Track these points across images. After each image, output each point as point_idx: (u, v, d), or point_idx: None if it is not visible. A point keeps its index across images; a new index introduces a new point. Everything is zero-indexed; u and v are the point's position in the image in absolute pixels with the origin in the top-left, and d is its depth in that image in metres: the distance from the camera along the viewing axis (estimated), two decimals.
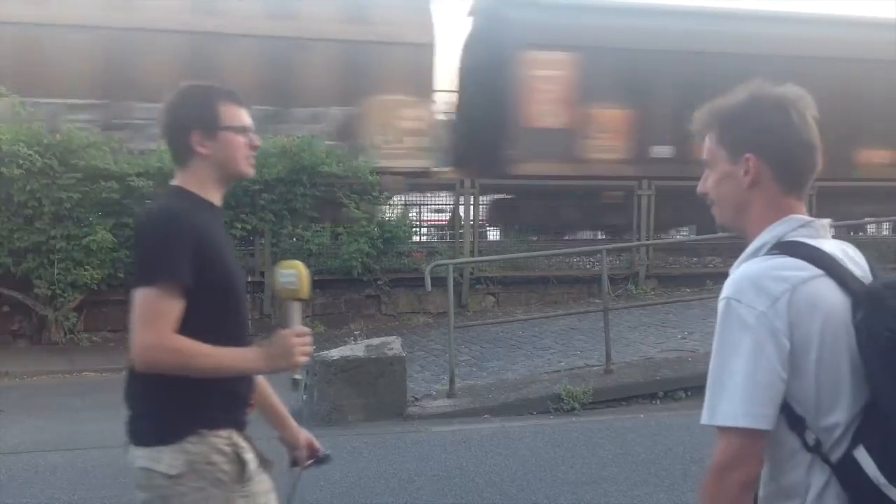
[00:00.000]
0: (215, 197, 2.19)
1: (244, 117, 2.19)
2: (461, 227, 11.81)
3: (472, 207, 11.77)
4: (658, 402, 7.24)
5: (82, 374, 8.95)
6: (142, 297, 1.98)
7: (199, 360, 2.00)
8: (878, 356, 1.48)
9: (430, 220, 14.36)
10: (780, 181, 1.64)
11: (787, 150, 1.63)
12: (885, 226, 15.22)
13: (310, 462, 2.40)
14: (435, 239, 14.08)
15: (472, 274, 11.34)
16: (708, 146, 1.70)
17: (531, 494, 4.91)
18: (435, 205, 13.90)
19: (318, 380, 6.74)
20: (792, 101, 1.63)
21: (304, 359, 2.10)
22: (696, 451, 5.61)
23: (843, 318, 1.53)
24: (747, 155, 1.63)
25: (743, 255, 1.66)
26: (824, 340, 1.52)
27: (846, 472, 1.50)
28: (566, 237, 13.58)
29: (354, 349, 7.17)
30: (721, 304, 1.56)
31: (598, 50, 12.38)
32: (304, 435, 2.41)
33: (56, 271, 9.83)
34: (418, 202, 13.70)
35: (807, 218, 1.64)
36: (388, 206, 11.75)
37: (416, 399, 7.23)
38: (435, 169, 12.53)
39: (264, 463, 2.20)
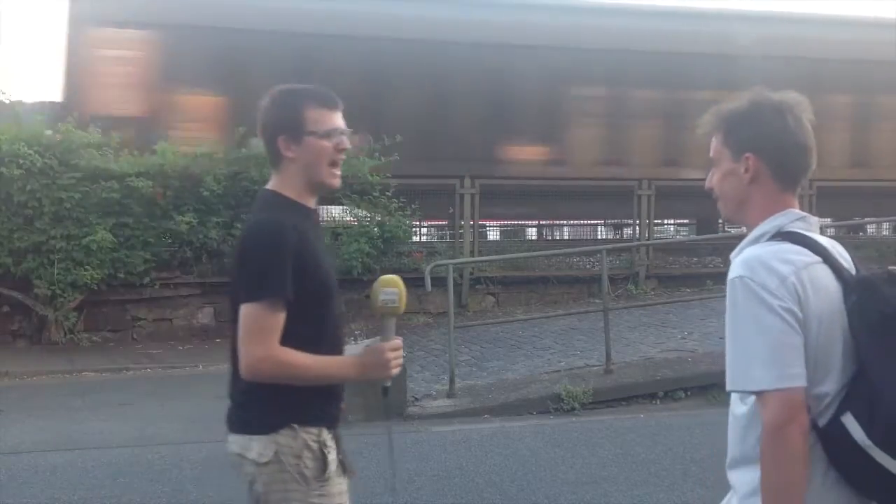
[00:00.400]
0: (310, 200, 2.24)
1: (333, 120, 2.22)
2: (461, 226, 11.79)
3: (471, 207, 11.74)
4: (658, 402, 7.24)
5: (82, 374, 8.93)
6: (250, 311, 2.08)
7: (303, 370, 2.11)
8: (869, 335, 1.65)
9: None
10: (777, 179, 1.81)
11: (784, 151, 1.80)
12: (885, 226, 15.23)
13: None
14: None
15: (472, 274, 11.32)
16: (714, 146, 1.88)
17: (531, 494, 4.91)
18: None
19: None
20: (790, 107, 1.80)
21: (397, 371, 2.25)
22: (696, 451, 5.61)
23: (837, 301, 1.71)
24: (747, 155, 1.81)
25: (744, 242, 1.82)
26: (822, 319, 1.68)
27: (832, 435, 1.66)
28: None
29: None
30: (733, 283, 1.70)
31: (183, 28, 10.94)
32: None
33: (56, 271, 9.83)
34: None
35: (802, 213, 1.80)
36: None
37: (416, 399, 7.23)
38: None
39: (344, 467, 2.25)
